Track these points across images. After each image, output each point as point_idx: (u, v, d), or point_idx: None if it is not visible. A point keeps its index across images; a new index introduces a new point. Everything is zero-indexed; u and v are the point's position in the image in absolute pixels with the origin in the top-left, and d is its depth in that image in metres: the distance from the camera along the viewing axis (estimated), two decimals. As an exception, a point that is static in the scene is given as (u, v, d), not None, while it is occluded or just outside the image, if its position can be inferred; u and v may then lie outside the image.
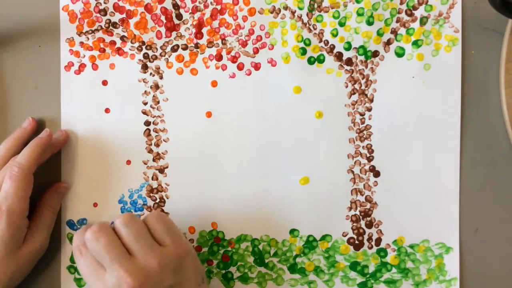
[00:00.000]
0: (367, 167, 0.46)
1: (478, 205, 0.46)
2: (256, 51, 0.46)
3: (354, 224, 0.47)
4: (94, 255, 0.39)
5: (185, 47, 0.47)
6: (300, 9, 0.46)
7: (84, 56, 0.47)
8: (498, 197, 0.46)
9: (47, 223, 0.45)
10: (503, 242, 0.46)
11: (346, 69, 0.46)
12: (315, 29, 0.46)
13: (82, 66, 0.47)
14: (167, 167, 0.47)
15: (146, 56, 0.47)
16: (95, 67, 0.47)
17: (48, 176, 0.46)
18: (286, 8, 0.46)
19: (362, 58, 0.46)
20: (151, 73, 0.47)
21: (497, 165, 0.46)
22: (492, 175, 0.46)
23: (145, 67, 0.47)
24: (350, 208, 0.47)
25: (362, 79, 0.46)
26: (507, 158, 0.46)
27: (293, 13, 0.46)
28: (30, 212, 0.44)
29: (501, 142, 0.46)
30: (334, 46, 0.46)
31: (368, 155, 0.46)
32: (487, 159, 0.46)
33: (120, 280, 0.37)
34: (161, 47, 0.47)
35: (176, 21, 0.46)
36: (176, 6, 0.46)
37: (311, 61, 0.46)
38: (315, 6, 0.46)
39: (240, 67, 0.47)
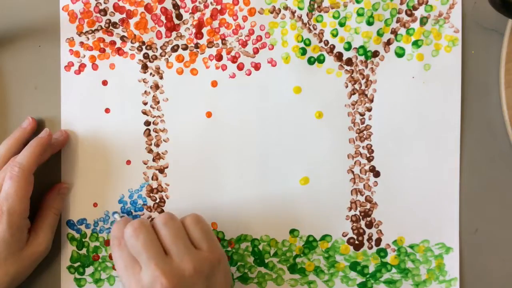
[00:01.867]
0: (367, 167, 0.46)
1: (478, 205, 0.46)
2: (256, 51, 0.46)
3: (354, 224, 0.47)
4: (131, 251, 0.39)
5: (185, 47, 0.47)
6: (300, 9, 0.46)
7: (84, 56, 0.47)
8: (498, 197, 0.46)
9: (50, 224, 0.45)
10: (503, 242, 0.46)
11: (346, 69, 0.46)
12: (315, 29, 0.46)
13: (82, 66, 0.47)
14: (167, 167, 0.47)
15: (146, 56, 0.47)
16: (95, 67, 0.47)
17: (48, 176, 0.46)
18: (286, 8, 0.46)
19: (362, 58, 0.46)
20: (151, 73, 0.47)
21: (497, 165, 0.46)
22: (492, 175, 0.46)
23: (145, 67, 0.47)
24: (350, 208, 0.47)
25: (362, 79, 0.46)
26: (507, 158, 0.46)
27: (293, 13, 0.46)
28: (33, 213, 0.44)
29: (501, 142, 0.46)
30: (334, 46, 0.46)
31: (368, 155, 0.46)
32: (487, 159, 0.46)
33: (155, 279, 0.37)
34: (161, 47, 0.47)
35: (176, 21, 0.46)
36: (176, 6, 0.46)
37: (311, 61, 0.46)
38: (315, 6, 0.46)
39: (240, 67, 0.47)
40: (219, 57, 0.47)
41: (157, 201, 0.47)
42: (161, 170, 0.47)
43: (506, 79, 0.45)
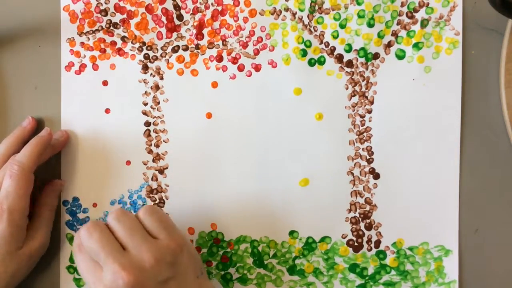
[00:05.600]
0: (367, 169, 0.46)
1: (478, 205, 0.46)
2: (256, 52, 0.46)
3: (354, 226, 0.47)
4: (89, 252, 0.39)
5: (186, 48, 0.47)
6: (301, 10, 0.46)
7: (85, 56, 0.47)
8: (498, 197, 0.46)
9: (46, 221, 0.45)
10: (503, 243, 0.46)
11: (347, 71, 0.46)
12: (315, 31, 0.46)
13: (82, 66, 0.47)
14: (167, 168, 0.47)
15: (146, 56, 0.47)
16: (95, 67, 0.47)
17: (48, 176, 0.46)
18: (287, 9, 0.46)
19: (363, 60, 0.46)
20: (151, 74, 0.47)
21: (497, 165, 0.46)
22: (492, 175, 0.46)
23: (145, 68, 0.47)
24: (350, 210, 0.47)
25: (363, 81, 0.46)
26: (507, 158, 0.46)
27: (294, 14, 0.46)
28: (30, 212, 0.44)
29: (501, 142, 0.46)
30: (334, 48, 0.46)
31: (368, 157, 0.46)
32: (487, 159, 0.46)
33: (116, 276, 0.36)
34: (161, 48, 0.47)
35: (177, 22, 0.46)
36: (177, 7, 0.46)
37: (311, 62, 0.46)
38: (316, 8, 0.46)
39: (241, 68, 0.46)
40: (219, 58, 0.47)
41: (156, 202, 0.47)
42: (161, 171, 0.47)
43: (506, 79, 0.45)
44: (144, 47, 0.47)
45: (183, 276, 0.39)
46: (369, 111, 0.46)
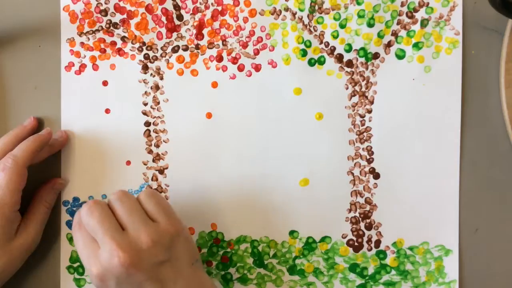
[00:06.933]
0: (367, 169, 0.46)
1: (478, 205, 0.46)
2: (256, 52, 0.46)
3: (354, 226, 0.47)
4: (88, 229, 0.39)
5: (186, 48, 0.47)
6: (301, 10, 0.46)
7: (85, 56, 0.47)
8: (498, 197, 0.46)
9: (41, 217, 0.45)
10: (503, 243, 0.47)
11: (347, 71, 0.46)
12: (315, 30, 0.46)
13: (82, 67, 0.47)
14: (167, 168, 0.47)
15: (146, 56, 0.47)
16: (95, 67, 0.47)
17: (48, 176, 0.46)
18: (287, 9, 0.46)
19: (363, 60, 0.46)
20: (151, 74, 0.47)
21: (497, 165, 0.46)
22: (492, 175, 0.46)
23: (145, 68, 0.47)
24: (350, 210, 0.47)
25: (363, 81, 0.46)
26: (507, 158, 0.46)
27: (294, 14, 0.46)
28: (26, 206, 0.44)
29: (501, 142, 0.46)
30: (334, 48, 0.46)
31: (368, 157, 0.46)
32: (487, 159, 0.46)
33: (112, 254, 0.37)
34: (161, 48, 0.47)
35: (176, 22, 0.46)
36: (177, 7, 0.46)
37: (311, 62, 0.46)
38: (316, 8, 0.46)
39: (241, 68, 0.46)
40: (219, 58, 0.47)
41: (156, 202, 0.47)
42: (161, 171, 0.47)
43: (506, 79, 0.45)
44: (144, 47, 0.47)
45: (178, 261, 0.39)
46: (369, 111, 0.46)
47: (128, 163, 0.47)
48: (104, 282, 0.38)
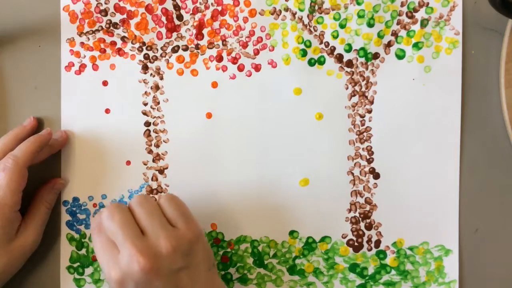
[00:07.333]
0: (367, 169, 0.46)
1: (478, 205, 0.46)
2: (256, 52, 0.46)
3: (354, 226, 0.47)
4: (108, 234, 0.39)
5: (186, 48, 0.47)
6: (301, 10, 0.46)
7: (85, 56, 0.47)
8: (498, 197, 0.46)
9: (41, 217, 0.45)
10: (503, 243, 0.47)
11: (347, 71, 0.46)
12: (315, 30, 0.46)
13: (82, 67, 0.47)
14: (166, 168, 0.47)
15: (146, 56, 0.47)
16: (95, 67, 0.47)
17: (48, 176, 0.46)
18: (287, 9, 0.46)
19: (363, 60, 0.46)
20: (151, 74, 0.47)
21: (497, 165, 0.46)
22: (492, 175, 0.46)
23: (145, 68, 0.47)
24: (350, 210, 0.47)
25: (363, 81, 0.46)
26: (507, 158, 0.46)
27: (293, 14, 0.46)
28: (26, 206, 0.44)
29: (501, 142, 0.46)
30: (334, 48, 0.46)
31: (368, 157, 0.46)
32: (487, 159, 0.46)
33: (132, 259, 0.37)
34: (161, 48, 0.47)
35: (176, 22, 0.46)
36: (176, 7, 0.46)
37: (311, 62, 0.46)
38: (316, 8, 0.46)
39: (241, 68, 0.46)
40: (219, 58, 0.47)
41: (156, 202, 0.47)
42: (161, 171, 0.47)
43: (506, 79, 0.45)
44: (144, 47, 0.47)
45: (196, 266, 0.39)
46: (369, 111, 0.46)
47: (128, 163, 0.47)
48: (123, 287, 0.37)
